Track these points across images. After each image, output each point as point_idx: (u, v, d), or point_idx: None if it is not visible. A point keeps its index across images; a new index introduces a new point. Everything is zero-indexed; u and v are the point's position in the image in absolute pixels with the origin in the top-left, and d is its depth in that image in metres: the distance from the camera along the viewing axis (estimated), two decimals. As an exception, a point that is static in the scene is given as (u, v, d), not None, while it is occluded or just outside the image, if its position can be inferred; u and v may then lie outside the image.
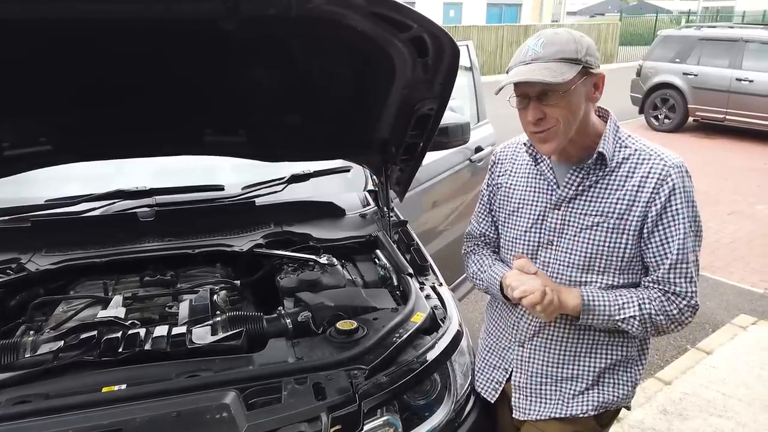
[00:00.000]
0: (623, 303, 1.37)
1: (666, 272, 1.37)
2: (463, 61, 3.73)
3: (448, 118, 2.53)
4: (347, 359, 1.36)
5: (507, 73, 1.37)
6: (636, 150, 1.40)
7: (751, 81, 8.97)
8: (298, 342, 1.46)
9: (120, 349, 1.37)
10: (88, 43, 1.43)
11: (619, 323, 1.39)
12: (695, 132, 10.05)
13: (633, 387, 1.54)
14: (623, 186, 1.38)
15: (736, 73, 9.14)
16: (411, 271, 1.80)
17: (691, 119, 10.06)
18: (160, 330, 1.44)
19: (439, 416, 1.46)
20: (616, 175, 1.39)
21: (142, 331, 1.43)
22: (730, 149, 8.93)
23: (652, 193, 1.35)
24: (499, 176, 1.62)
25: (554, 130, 1.35)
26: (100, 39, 1.42)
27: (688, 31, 10.56)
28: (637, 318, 1.37)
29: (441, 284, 1.82)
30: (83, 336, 1.41)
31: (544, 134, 1.36)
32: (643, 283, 1.42)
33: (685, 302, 1.38)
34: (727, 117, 9.43)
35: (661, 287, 1.39)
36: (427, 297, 1.69)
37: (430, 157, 2.94)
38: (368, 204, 2.34)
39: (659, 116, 10.21)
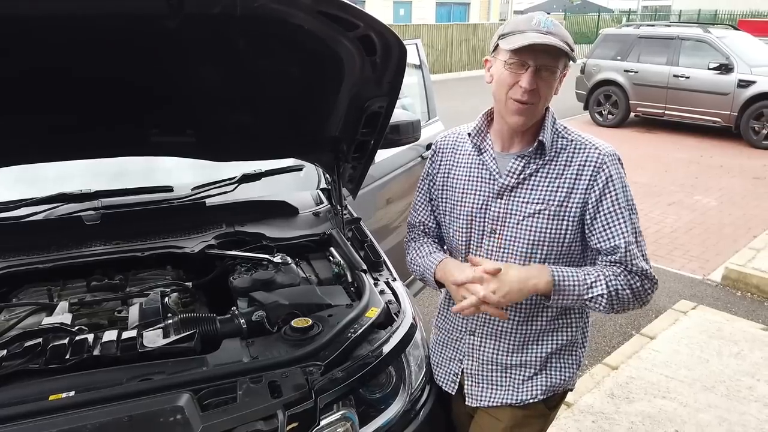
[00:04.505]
0: (591, 282, 1.41)
1: (623, 255, 1.41)
2: (413, 59, 3.79)
3: (399, 115, 2.56)
4: (302, 356, 1.36)
5: (501, 38, 1.40)
6: (572, 140, 1.47)
7: (687, 77, 9.40)
8: (253, 341, 1.45)
9: (67, 356, 1.33)
10: (27, 41, 1.38)
11: (588, 302, 1.42)
12: (637, 127, 10.45)
13: (577, 369, 1.61)
14: (562, 174, 1.44)
15: (673, 70, 9.56)
16: (365, 267, 1.82)
17: (633, 114, 10.46)
18: (110, 335, 1.41)
19: (394, 408, 1.48)
20: (555, 164, 1.45)
21: (90, 337, 1.40)
22: (669, 143, 9.33)
23: (589, 180, 1.42)
24: (440, 166, 1.64)
25: (532, 108, 1.41)
26: (40, 37, 1.38)
27: (628, 29, 10.97)
28: (605, 296, 1.40)
29: (395, 279, 1.84)
30: (27, 344, 1.37)
31: (524, 107, 1.40)
32: (600, 262, 1.46)
33: (646, 277, 1.43)
34: (666, 112, 9.85)
35: (620, 266, 1.43)
36: (382, 292, 1.71)
37: (383, 155, 2.97)
38: (321, 202, 2.34)
39: (603, 112, 10.58)
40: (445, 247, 1.69)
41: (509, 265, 1.42)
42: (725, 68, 8.98)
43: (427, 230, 1.71)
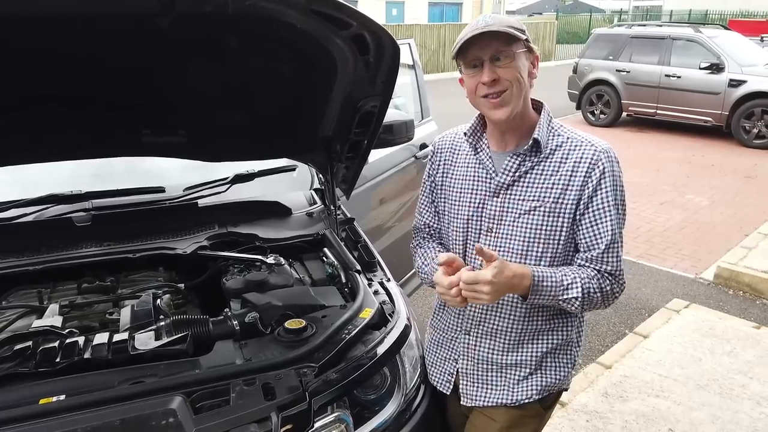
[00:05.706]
0: (568, 284, 1.43)
1: (600, 253, 1.44)
2: (406, 59, 3.78)
3: (393, 115, 2.56)
4: (296, 358, 1.35)
5: (453, 50, 1.43)
6: (568, 138, 1.47)
7: (678, 77, 9.45)
8: (246, 343, 1.44)
9: (57, 359, 1.32)
10: (17, 41, 1.37)
11: (562, 302, 1.44)
12: (629, 126, 10.50)
13: (572, 368, 1.61)
14: (557, 171, 1.44)
15: (665, 70, 9.61)
16: (359, 267, 1.81)
17: (625, 114, 10.50)
18: (101, 337, 1.39)
19: (389, 410, 1.47)
20: (551, 161, 1.46)
21: (81, 340, 1.38)
22: (661, 142, 9.38)
23: (584, 177, 1.42)
24: (438, 166, 1.65)
25: (508, 94, 1.40)
26: (30, 37, 1.36)
27: (619, 29, 11.01)
28: (579, 299, 1.43)
29: (389, 280, 1.83)
30: (17, 347, 1.35)
31: (498, 99, 1.40)
32: (577, 261, 1.49)
33: (616, 280, 1.47)
34: (658, 111, 9.90)
35: (594, 266, 1.46)
36: (376, 293, 1.71)
37: (376, 155, 2.96)
38: (315, 202, 2.33)
39: (595, 111, 10.63)
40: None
41: (500, 271, 1.34)
42: (716, 68, 9.04)
43: (432, 232, 1.70)
